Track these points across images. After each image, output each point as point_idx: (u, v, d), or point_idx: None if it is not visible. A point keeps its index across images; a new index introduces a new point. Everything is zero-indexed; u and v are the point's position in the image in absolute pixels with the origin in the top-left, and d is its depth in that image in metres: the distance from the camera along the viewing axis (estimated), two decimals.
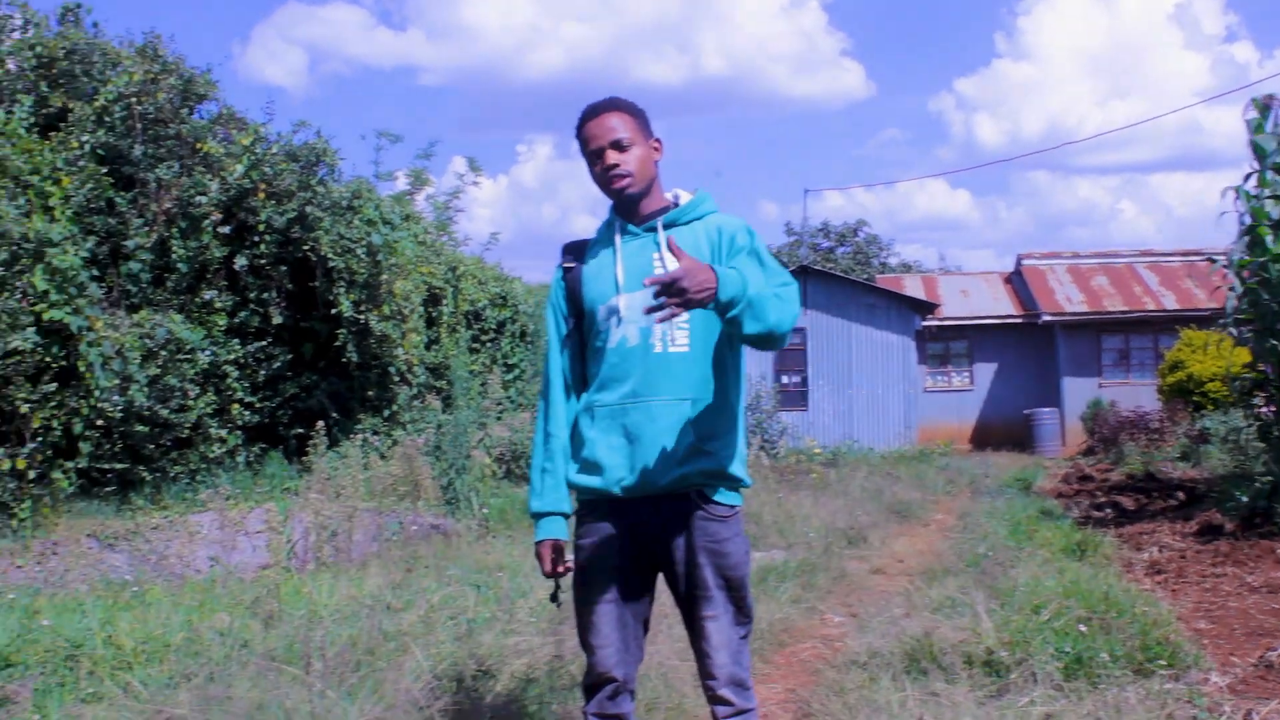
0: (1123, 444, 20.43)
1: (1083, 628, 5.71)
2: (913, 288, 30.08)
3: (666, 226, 3.52)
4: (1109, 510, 12.44)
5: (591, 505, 3.53)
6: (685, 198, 3.60)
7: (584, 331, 3.60)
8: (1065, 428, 26.42)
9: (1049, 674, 5.04)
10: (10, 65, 12.32)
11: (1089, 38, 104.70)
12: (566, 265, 3.63)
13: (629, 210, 3.54)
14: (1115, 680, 4.98)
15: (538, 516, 3.56)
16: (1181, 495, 12.54)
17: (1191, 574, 8.44)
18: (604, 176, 3.47)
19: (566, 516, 3.56)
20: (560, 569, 3.52)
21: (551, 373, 3.62)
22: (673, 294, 3.02)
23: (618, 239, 3.55)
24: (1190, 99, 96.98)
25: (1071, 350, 27.28)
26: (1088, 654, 5.31)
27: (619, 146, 3.45)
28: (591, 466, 3.48)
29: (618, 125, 3.47)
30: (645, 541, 3.49)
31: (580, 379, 3.62)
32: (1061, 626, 5.72)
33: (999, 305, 29.34)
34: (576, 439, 3.55)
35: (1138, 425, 21.31)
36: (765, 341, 3.28)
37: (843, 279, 27.76)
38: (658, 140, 3.56)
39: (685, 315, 3.42)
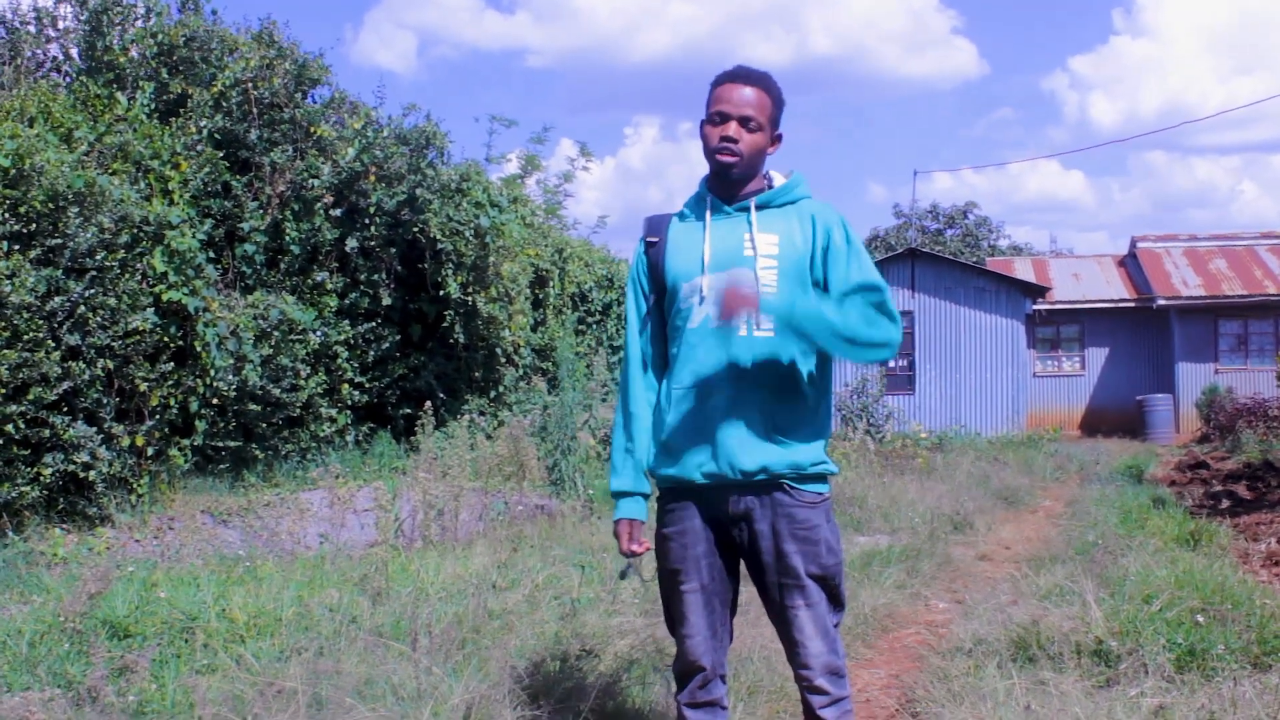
0: (1240, 432, 19.90)
1: (1199, 618, 5.59)
2: (1023, 271, 29.57)
3: (760, 208, 3.45)
4: (1224, 499, 12.14)
5: (674, 493, 3.48)
6: (779, 180, 3.52)
7: (664, 309, 3.53)
8: (1179, 414, 25.81)
9: (1160, 665, 4.94)
10: (133, 53, 12.62)
11: (1212, 12, 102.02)
12: (650, 240, 3.55)
13: (724, 187, 3.46)
14: (1230, 673, 4.87)
15: (618, 496, 3.53)
16: None
17: None
18: (716, 144, 3.38)
19: (645, 496, 3.53)
20: (637, 548, 3.50)
21: (631, 352, 3.57)
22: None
23: (708, 216, 3.47)
24: None
25: (1187, 335, 26.61)
26: (1201, 645, 5.20)
27: (745, 124, 3.38)
28: (672, 452, 3.43)
29: (756, 103, 3.39)
30: (729, 529, 3.44)
31: (661, 358, 3.57)
32: (1174, 617, 5.61)
33: (1112, 289, 28.71)
34: (658, 423, 3.50)
35: (1256, 412, 20.75)
36: (861, 353, 3.38)
37: (951, 262, 27.35)
38: (779, 135, 3.48)
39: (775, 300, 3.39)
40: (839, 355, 3.38)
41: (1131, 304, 27.80)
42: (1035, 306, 26.59)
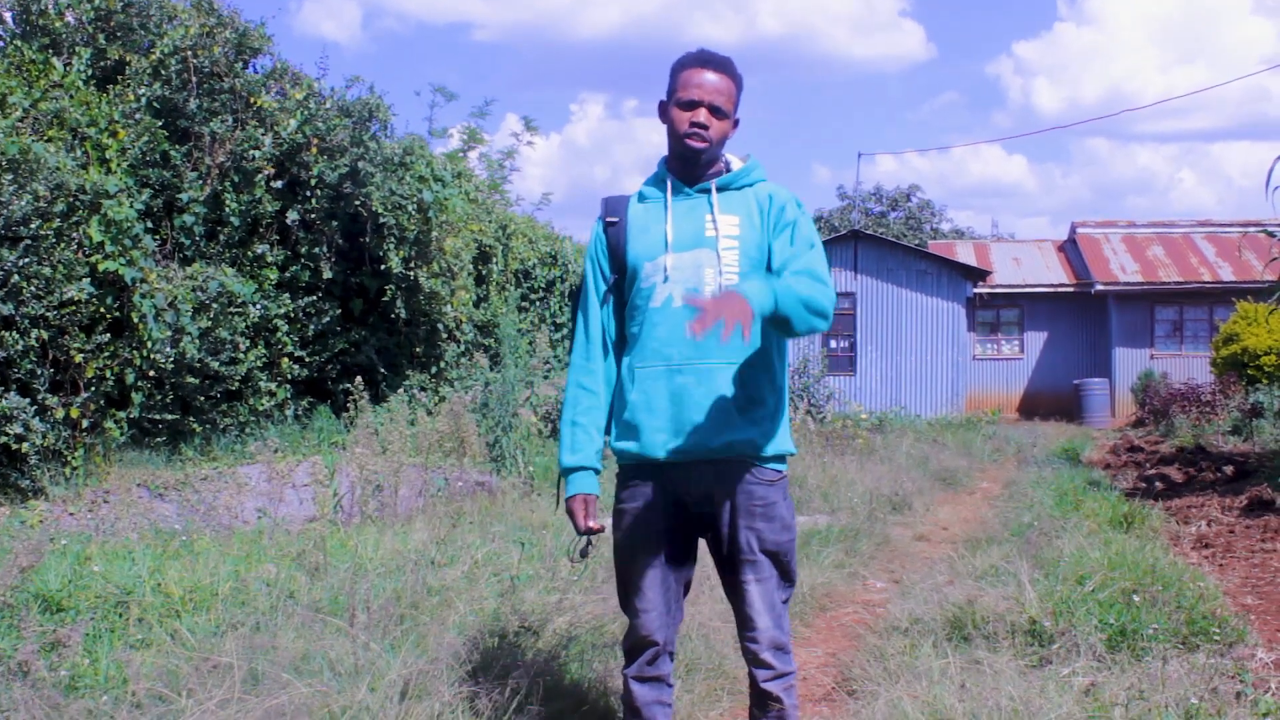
0: (1173, 416, 20.20)
1: (1132, 599, 5.67)
2: (964, 254, 29.83)
3: (720, 190, 3.50)
4: (1157, 483, 12.32)
5: (634, 469, 3.51)
6: (736, 164, 3.58)
7: (624, 289, 3.56)
8: (1115, 399, 26.19)
9: (1092, 645, 5.01)
10: (69, 18, 12.38)
11: (1155, 3, 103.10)
12: (609, 220, 3.58)
13: (686, 170, 3.51)
14: (1160, 653, 4.95)
15: (568, 471, 3.51)
16: (1231, 469, 12.39)
17: (1239, 549, 8.36)
18: (687, 130, 3.42)
19: (598, 472, 3.52)
20: (594, 525, 3.48)
21: (590, 326, 3.56)
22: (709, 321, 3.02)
23: (669, 197, 3.52)
24: (1257, 66, 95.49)
25: (1124, 321, 26.98)
26: (1132, 626, 5.27)
27: (716, 112, 3.43)
28: (634, 430, 3.45)
29: (725, 92, 3.44)
30: (689, 505, 3.48)
31: (619, 337, 3.59)
32: (1106, 598, 5.69)
33: (1051, 274, 29.05)
34: (618, 400, 3.52)
35: (1189, 398, 21.06)
36: (808, 331, 3.32)
37: (894, 244, 27.54)
38: (737, 120, 3.53)
39: (736, 279, 3.41)
40: (800, 327, 3.27)
41: (1070, 289, 28.14)
42: (976, 290, 26.86)
